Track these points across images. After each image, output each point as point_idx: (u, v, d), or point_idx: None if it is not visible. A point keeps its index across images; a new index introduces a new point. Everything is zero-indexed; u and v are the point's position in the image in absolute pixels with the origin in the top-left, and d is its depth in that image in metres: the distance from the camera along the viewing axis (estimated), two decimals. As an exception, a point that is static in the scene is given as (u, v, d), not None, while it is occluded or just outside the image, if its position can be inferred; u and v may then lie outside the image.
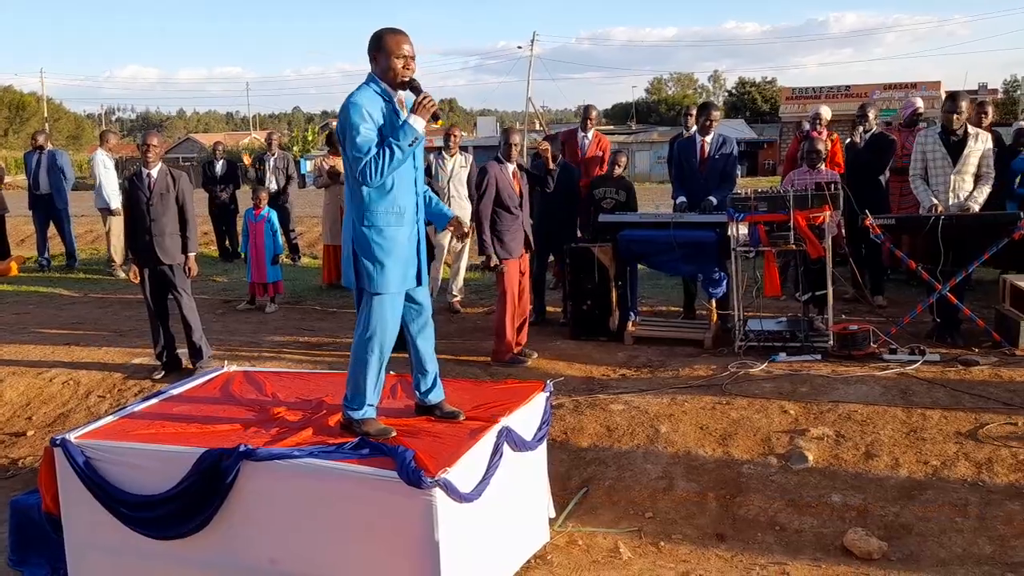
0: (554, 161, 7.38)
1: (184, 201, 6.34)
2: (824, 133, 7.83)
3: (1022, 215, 5.99)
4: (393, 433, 3.62)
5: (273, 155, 11.14)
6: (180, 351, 6.60)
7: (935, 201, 6.24)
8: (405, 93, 3.59)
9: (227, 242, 11.92)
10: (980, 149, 6.24)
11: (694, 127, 7.35)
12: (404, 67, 3.52)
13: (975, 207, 6.17)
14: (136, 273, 6.35)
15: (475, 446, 3.52)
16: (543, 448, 4.25)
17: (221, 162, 11.75)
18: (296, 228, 11.87)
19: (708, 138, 6.94)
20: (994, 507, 4.20)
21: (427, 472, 3.19)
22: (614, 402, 5.45)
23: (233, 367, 4.85)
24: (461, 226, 3.95)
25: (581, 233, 7.55)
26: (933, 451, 4.64)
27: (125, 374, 6.64)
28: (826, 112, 8.09)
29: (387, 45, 3.51)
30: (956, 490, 4.34)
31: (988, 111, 7.79)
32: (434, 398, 3.90)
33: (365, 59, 3.58)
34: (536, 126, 41.94)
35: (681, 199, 7.03)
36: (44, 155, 11.13)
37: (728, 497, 4.52)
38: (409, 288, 3.70)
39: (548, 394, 4.26)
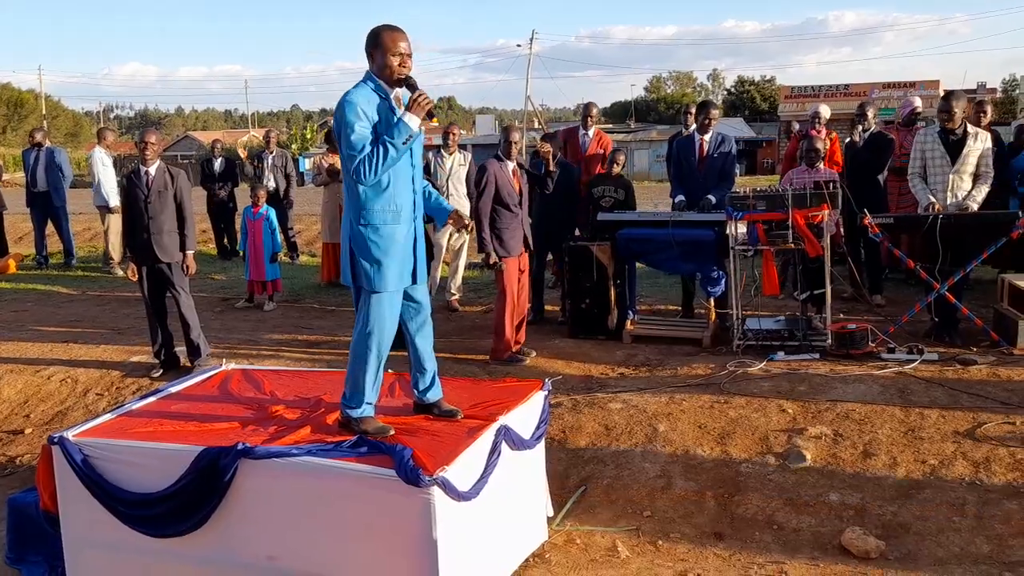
0: (554, 160, 7.38)
1: (182, 199, 6.33)
2: (823, 132, 7.83)
3: (1021, 215, 6.00)
4: (391, 431, 3.62)
5: (271, 153, 11.13)
6: (178, 349, 6.60)
7: (933, 200, 6.24)
8: (402, 90, 3.59)
9: (225, 240, 11.91)
10: (979, 148, 6.24)
11: (693, 126, 7.35)
12: (400, 64, 3.52)
13: (974, 206, 6.17)
14: (134, 271, 6.34)
15: (473, 445, 3.52)
16: (541, 447, 4.25)
17: (219, 160, 11.73)
18: (294, 226, 11.86)
19: (707, 137, 6.95)
20: (992, 506, 4.20)
21: (425, 470, 3.20)
22: (612, 401, 5.45)
23: (231, 365, 4.85)
24: (462, 218, 3.93)
25: (580, 232, 7.54)
26: (931, 450, 4.65)
27: (123, 372, 6.63)
28: (825, 111, 8.08)
29: (384, 42, 3.51)
30: (954, 489, 4.34)
31: (987, 110, 7.78)
32: (432, 396, 3.91)
33: (364, 57, 3.58)
34: (535, 124, 41.93)
35: (680, 198, 7.03)
36: (42, 152, 11.11)
37: (726, 496, 4.52)
38: (407, 286, 3.70)
39: (546, 393, 4.26)
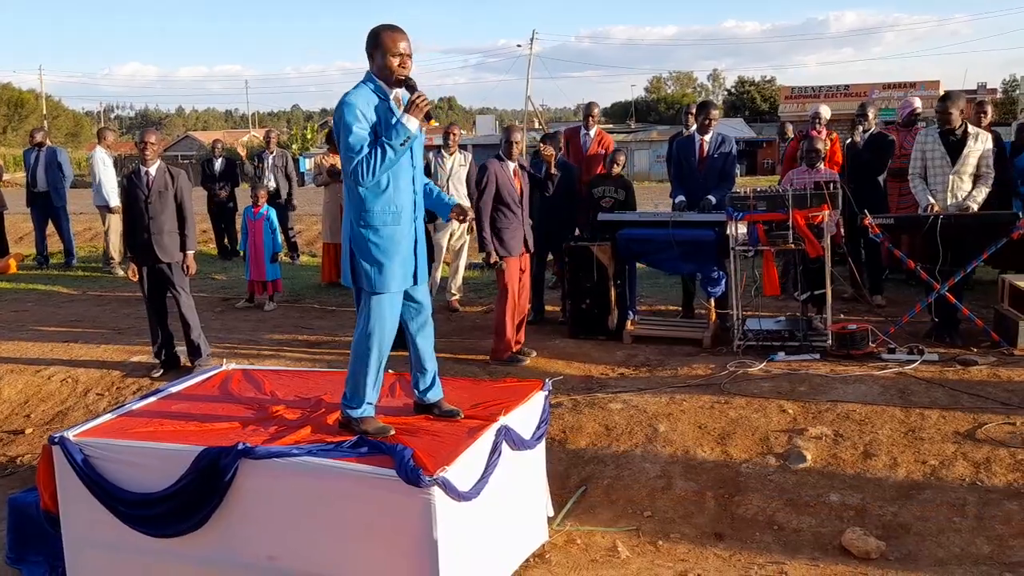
0: (555, 163, 7.36)
1: (183, 199, 6.33)
2: (824, 132, 7.82)
3: (1021, 215, 6.00)
4: (392, 431, 3.62)
5: (272, 153, 11.14)
6: (179, 349, 6.60)
7: (932, 201, 6.24)
8: (402, 91, 3.58)
9: (226, 240, 11.91)
10: (980, 149, 6.23)
11: (693, 126, 7.34)
12: (400, 65, 3.51)
13: (974, 207, 6.17)
14: (135, 271, 6.34)
15: (474, 445, 3.52)
16: (542, 447, 4.25)
17: (220, 160, 11.74)
18: (295, 226, 11.87)
19: (707, 137, 6.95)
20: (992, 507, 4.20)
21: (426, 471, 3.20)
22: (613, 401, 5.45)
23: (232, 365, 4.85)
24: (465, 211, 3.89)
25: (580, 232, 7.54)
26: (931, 451, 4.65)
27: (124, 372, 6.64)
28: (825, 111, 8.08)
29: (383, 43, 3.50)
30: (954, 490, 4.34)
31: (987, 111, 7.78)
32: (433, 397, 3.91)
33: (364, 57, 3.58)
34: (535, 124, 41.94)
35: (680, 198, 7.03)
36: (43, 152, 11.11)
37: (726, 496, 4.52)
38: (407, 287, 3.70)
39: (547, 393, 4.26)
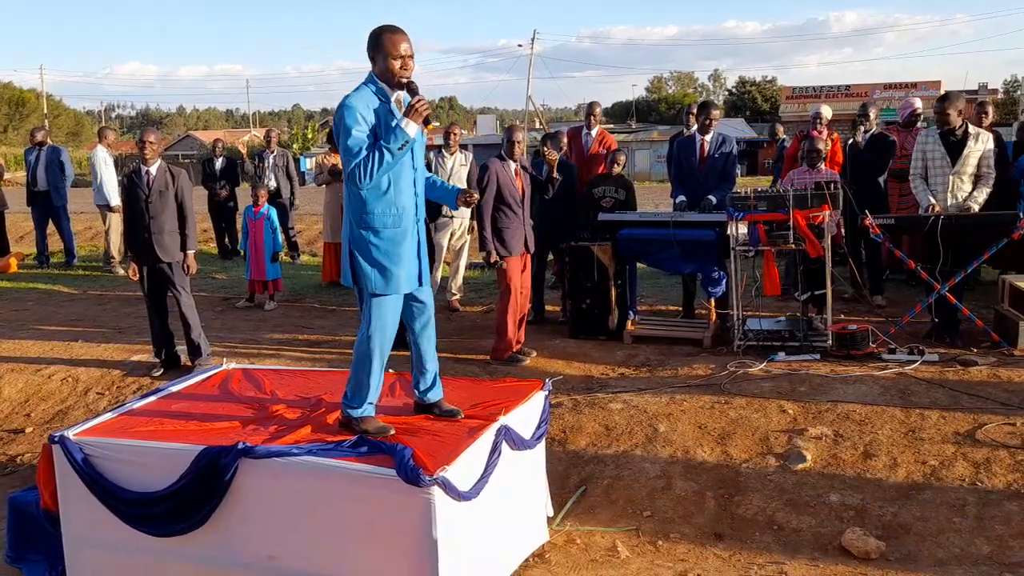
0: (556, 167, 7.35)
1: (183, 198, 6.33)
2: (825, 132, 7.82)
3: (1021, 215, 5.99)
4: (392, 431, 3.62)
5: (272, 153, 11.14)
6: (179, 348, 6.60)
7: (933, 201, 6.24)
8: (403, 93, 3.57)
9: (226, 239, 11.92)
10: (980, 149, 6.23)
11: (694, 126, 7.34)
12: (402, 67, 3.50)
13: (975, 207, 6.17)
14: (135, 270, 6.34)
15: (474, 444, 3.52)
16: (542, 447, 4.25)
17: (221, 159, 11.74)
18: (295, 226, 11.87)
19: (708, 137, 6.95)
20: (992, 507, 4.20)
21: (426, 470, 3.19)
22: (613, 401, 5.45)
23: (232, 365, 4.85)
24: (470, 195, 3.83)
25: (580, 231, 7.53)
26: (931, 451, 4.65)
27: (124, 371, 6.64)
28: (826, 111, 8.08)
29: (384, 45, 3.49)
30: (954, 490, 4.34)
31: (988, 111, 7.78)
32: (433, 396, 3.91)
33: (365, 57, 3.57)
34: (536, 124, 41.93)
35: (681, 198, 7.03)
36: (43, 152, 11.11)
37: (726, 496, 4.52)
38: (412, 290, 3.70)
39: (547, 393, 4.26)
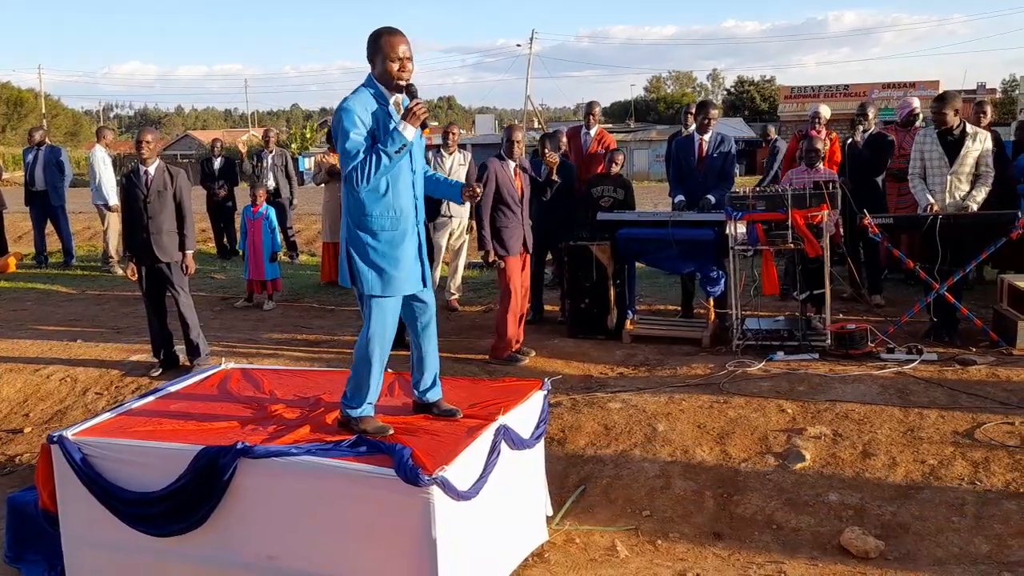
0: (556, 170, 7.35)
1: (182, 198, 6.32)
2: (823, 132, 7.83)
3: (1020, 215, 6.00)
4: (391, 431, 3.62)
5: (271, 152, 11.14)
6: (178, 348, 6.60)
7: (931, 200, 6.24)
8: (402, 96, 3.57)
9: (225, 239, 11.92)
10: (978, 149, 6.23)
11: (692, 126, 7.34)
12: (400, 69, 3.50)
13: (973, 207, 6.17)
14: (133, 270, 6.34)
15: (473, 444, 3.52)
16: (541, 446, 4.25)
17: (219, 159, 11.74)
18: (294, 226, 11.86)
19: (706, 137, 6.95)
20: (991, 506, 4.20)
21: (425, 470, 3.19)
22: (612, 400, 5.45)
23: (231, 364, 4.85)
24: (474, 188, 3.82)
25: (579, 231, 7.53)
26: (930, 450, 4.65)
27: (122, 371, 6.63)
28: (825, 111, 8.08)
29: (383, 47, 3.49)
30: (953, 489, 4.35)
31: (987, 110, 7.79)
32: (432, 396, 3.91)
33: (363, 57, 3.57)
34: (535, 124, 41.94)
35: (679, 198, 7.03)
36: (41, 151, 11.10)
37: (725, 496, 4.52)
38: (416, 291, 3.70)
39: (546, 392, 4.26)
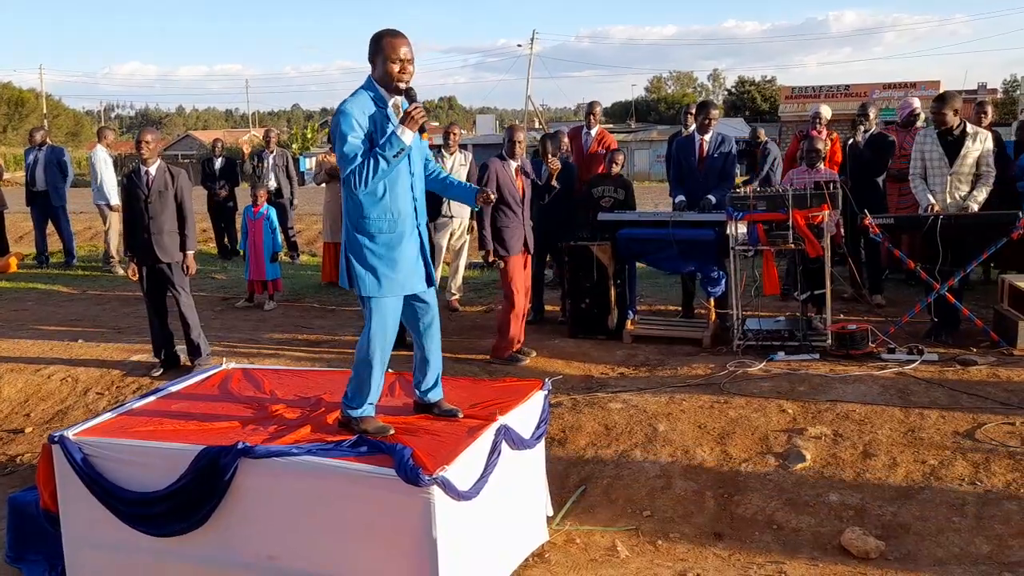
0: (554, 160, 7.36)
1: (183, 199, 6.33)
2: (824, 132, 7.83)
3: (1021, 215, 5.99)
4: (391, 431, 3.62)
5: (272, 152, 11.14)
6: (179, 348, 6.60)
7: (932, 201, 6.24)
8: (401, 98, 3.56)
9: (226, 239, 11.92)
10: (979, 149, 6.22)
11: (693, 126, 7.34)
12: (401, 71, 3.49)
13: (974, 207, 6.17)
14: (134, 270, 6.34)
15: (473, 444, 3.52)
16: (541, 446, 4.25)
17: (220, 159, 11.74)
18: (295, 226, 11.87)
19: (707, 137, 6.95)
20: (991, 507, 4.20)
21: (425, 470, 3.20)
22: (612, 401, 5.45)
23: (232, 364, 4.85)
24: (489, 193, 3.82)
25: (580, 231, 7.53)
26: (931, 451, 4.65)
27: (123, 371, 6.63)
28: (826, 111, 8.08)
29: (384, 49, 3.49)
30: (953, 490, 4.34)
31: (988, 111, 7.79)
32: (433, 396, 3.91)
33: (364, 57, 3.58)
34: (536, 124, 41.93)
35: (680, 198, 7.03)
36: (42, 152, 11.10)
37: (726, 496, 4.52)
38: (419, 291, 3.70)
39: (546, 392, 4.26)
